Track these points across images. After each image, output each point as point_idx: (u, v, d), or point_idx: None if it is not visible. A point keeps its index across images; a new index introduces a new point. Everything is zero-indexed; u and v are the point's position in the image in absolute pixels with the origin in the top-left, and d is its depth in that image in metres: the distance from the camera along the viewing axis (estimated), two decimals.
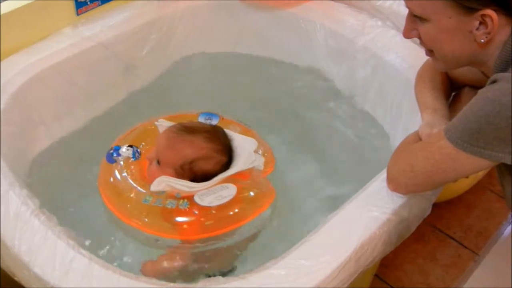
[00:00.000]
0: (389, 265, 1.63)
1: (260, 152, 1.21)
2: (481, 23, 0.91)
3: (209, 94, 1.68)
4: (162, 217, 1.08)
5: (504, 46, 0.92)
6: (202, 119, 1.29)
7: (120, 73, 1.55)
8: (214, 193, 1.09)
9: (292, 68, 1.71)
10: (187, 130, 1.13)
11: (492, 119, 0.86)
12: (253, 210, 1.11)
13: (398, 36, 1.49)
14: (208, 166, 1.11)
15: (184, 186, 1.08)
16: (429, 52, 1.02)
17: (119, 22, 1.51)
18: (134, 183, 1.12)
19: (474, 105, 0.89)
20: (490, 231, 1.76)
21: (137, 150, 1.19)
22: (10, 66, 1.33)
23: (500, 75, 0.88)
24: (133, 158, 1.17)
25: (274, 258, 0.96)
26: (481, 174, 1.78)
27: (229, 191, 1.09)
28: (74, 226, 1.03)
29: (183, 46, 1.68)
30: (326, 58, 1.64)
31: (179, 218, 1.07)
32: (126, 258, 1.14)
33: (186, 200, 1.07)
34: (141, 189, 1.10)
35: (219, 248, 1.10)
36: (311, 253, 0.96)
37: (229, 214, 1.09)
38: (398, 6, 1.55)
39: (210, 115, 1.30)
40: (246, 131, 1.27)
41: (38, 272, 0.92)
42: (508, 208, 1.06)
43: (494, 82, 0.89)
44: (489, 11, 0.88)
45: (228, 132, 1.20)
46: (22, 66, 1.34)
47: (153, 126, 1.24)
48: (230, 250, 1.14)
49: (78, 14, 1.48)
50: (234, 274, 1.13)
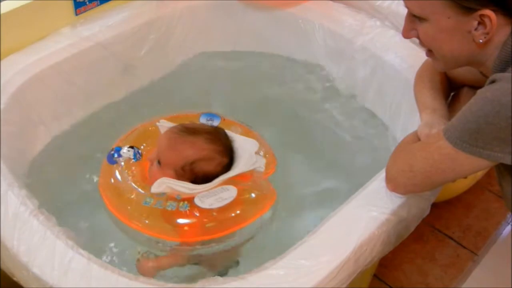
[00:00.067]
0: (388, 265, 1.63)
1: (261, 153, 1.21)
2: (479, 23, 0.91)
3: (208, 94, 1.68)
4: (162, 219, 1.07)
5: (503, 46, 0.92)
6: (203, 120, 1.28)
7: (119, 73, 1.55)
8: (214, 195, 1.08)
9: (291, 68, 1.71)
10: (189, 131, 1.13)
11: (491, 119, 0.85)
12: (254, 212, 1.11)
13: (397, 36, 1.49)
14: (209, 167, 1.11)
15: (184, 188, 1.07)
16: (429, 52, 1.02)
17: (118, 22, 1.51)
18: (135, 185, 1.12)
19: (473, 105, 0.89)
20: (489, 231, 1.76)
21: (138, 151, 1.19)
22: (9, 66, 1.33)
23: (499, 75, 0.88)
24: (134, 159, 1.17)
25: (273, 258, 0.96)
26: (480, 174, 1.78)
27: (229, 193, 1.09)
28: (73, 226, 1.03)
29: (182, 46, 1.68)
30: (325, 58, 1.64)
31: (180, 220, 1.06)
32: (125, 259, 1.14)
33: (186, 202, 1.07)
34: (141, 190, 1.10)
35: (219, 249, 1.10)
36: (311, 253, 0.96)
37: (230, 216, 1.08)
38: (397, 6, 1.55)
39: (211, 116, 1.29)
40: (247, 132, 1.26)
41: (37, 272, 0.92)
42: (507, 208, 1.06)
43: (493, 82, 0.89)
44: (487, 11, 0.88)
45: (229, 133, 1.20)
46: (21, 66, 1.33)
47: (154, 127, 1.23)
48: (230, 251, 1.14)
49: (77, 14, 1.47)
50: (237, 269, 1.13)
